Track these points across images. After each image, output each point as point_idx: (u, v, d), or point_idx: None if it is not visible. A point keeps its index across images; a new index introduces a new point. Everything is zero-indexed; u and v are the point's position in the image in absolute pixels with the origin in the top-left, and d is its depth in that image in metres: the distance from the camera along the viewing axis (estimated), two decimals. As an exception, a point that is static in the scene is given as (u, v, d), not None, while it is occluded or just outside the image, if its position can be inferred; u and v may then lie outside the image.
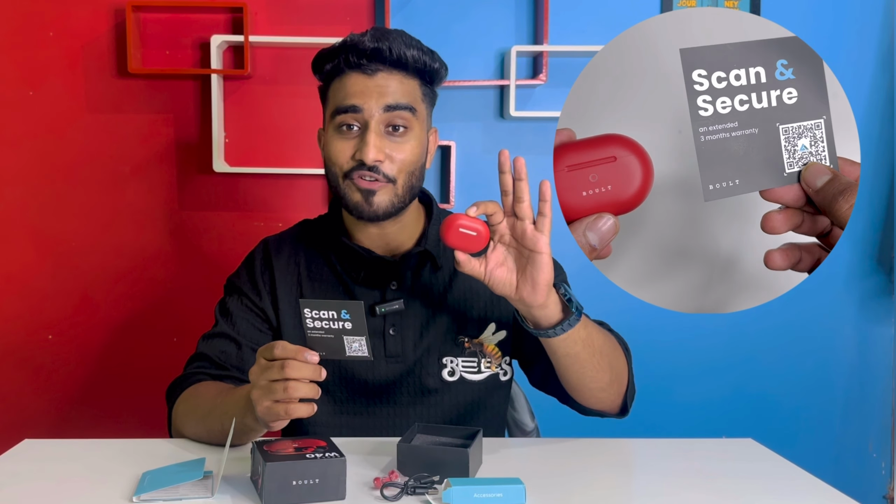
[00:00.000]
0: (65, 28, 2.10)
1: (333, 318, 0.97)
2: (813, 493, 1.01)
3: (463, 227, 1.02)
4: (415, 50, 1.20)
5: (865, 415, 2.27)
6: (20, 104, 2.10)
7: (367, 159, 1.17)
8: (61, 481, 1.01)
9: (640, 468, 1.10)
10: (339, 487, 0.93)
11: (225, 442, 0.99)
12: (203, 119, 2.13)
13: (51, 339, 2.14)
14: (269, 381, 0.96)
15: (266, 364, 0.97)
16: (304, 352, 0.96)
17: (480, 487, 0.91)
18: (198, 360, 1.27)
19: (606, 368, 1.15)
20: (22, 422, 2.14)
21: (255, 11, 2.11)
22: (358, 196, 1.20)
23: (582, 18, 2.16)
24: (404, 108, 1.19)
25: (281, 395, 0.95)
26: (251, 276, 1.31)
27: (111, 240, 2.13)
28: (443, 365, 1.27)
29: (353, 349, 0.98)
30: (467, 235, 1.02)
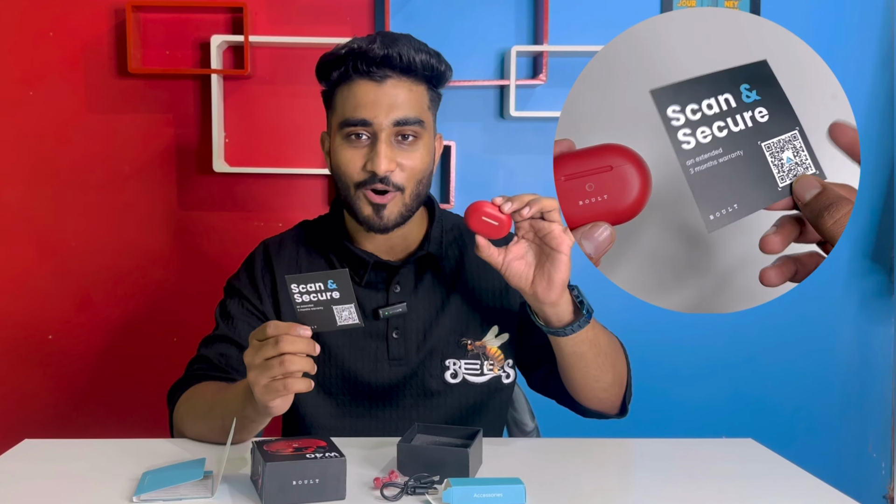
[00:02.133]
0: (65, 28, 2.10)
1: (321, 289, 0.97)
2: (813, 492, 1.01)
3: (486, 216, 1.04)
4: (423, 55, 1.20)
5: (865, 415, 2.27)
6: (20, 104, 2.11)
7: (379, 171, 1.16)
8: (61, 481, 1.01)
9: (640, 468, 1.10)
10: (339, 487, 0.93)
11: (226, 435, 1.00)
12: (203, 119, 2.13)
13: (51, 339, 2.14)
14: (263, 359, 0.96)
15: (259, 344, 0.98)
16: (297, 327, 0.97)
17: (480, 487, 0.91)
18: (198, 363, 1.27)
19: (609, 369, 1.17)
20: (22, 421, 2.14)
21: (255, 11, 2.12)
22: (369, 209, 1.20)
23: (582, 18, 2.16)
24: (414, 123, 1.19)
25: (277, 370, 0.95)
26: (251, 278, 1.31)
27: (111, 240, 2.14)
28: (445, 367, 1.27)
29: (343, 318, 0.99)
30: (489, 223, 1.04)
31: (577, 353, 1.13)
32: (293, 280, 0.97)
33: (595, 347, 1.13)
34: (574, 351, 1.12)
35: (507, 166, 2.19)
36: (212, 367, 1.25)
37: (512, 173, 2.19)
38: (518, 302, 1.29)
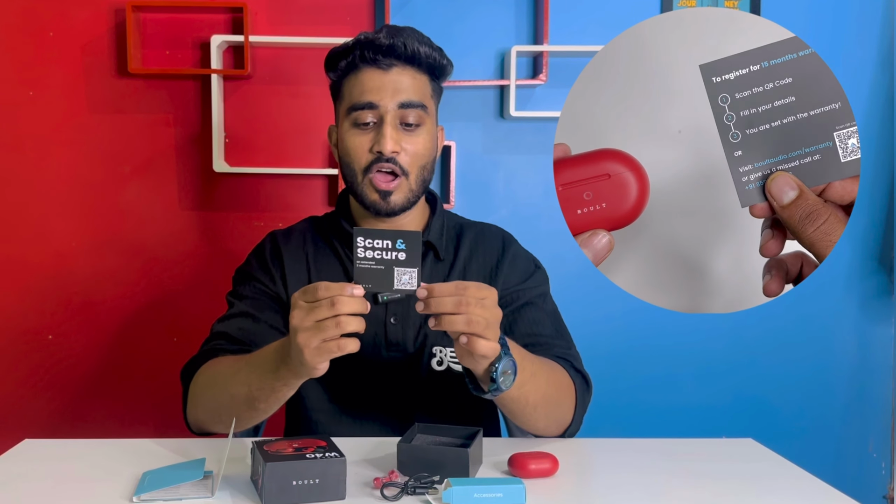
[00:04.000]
0: (65, 28, 2.10)
1: (388, 247, 0.95)
2: (813, 492, 1.01)
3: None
4: (427, 46, 1.26)
5: (865, 415, 2.27)
6: (20, 104, 2.11)
7: (385, 150, 1.22)
8: (61, 481, 1.02)
9: (641, 468, 1.10)
10: (339, 487, 0.94)
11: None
12: (203, 119, 2.13)
13: (51, 340, 2.14)
14: (316, 320, 0.94)
15: (309, 305, 0.95)
16: (349, 286, 0.94)
17: (480, 487, 0.92)
18: (215, 339, 1.27)
19: (541, 418, 1.17)
20: (22, 422, 2.14)
21: (255, 11, 2.12)
22: (375, 196, 1.25)
23: (582, 18, 2.17)
24: (417, 107, 1.24)
25: (333, 331, 0.93)
26: (262, 262, 1.34)
27: (112, 240, 2.14)
28: (432, 354, 1.29)
29: (402, 282, 0.96)
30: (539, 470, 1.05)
31: (504, 406, 1.13)
32: (361, 233, 0.95)
33: (521, 403, 1.12)
34: (501, 404, 1.12)
35: (507, 166, 2.20)
36: (229, 342, 1.25)
37: (512, 173, 2.20)
38: (504, 304, 1.30)
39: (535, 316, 1.31)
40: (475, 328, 0.96)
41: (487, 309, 0.97)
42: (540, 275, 1.37)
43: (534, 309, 1.32)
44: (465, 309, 0.95)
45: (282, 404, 1.12)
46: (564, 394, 1.19)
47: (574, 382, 1.22)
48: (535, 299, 1.32)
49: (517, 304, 1.31)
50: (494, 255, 1.35)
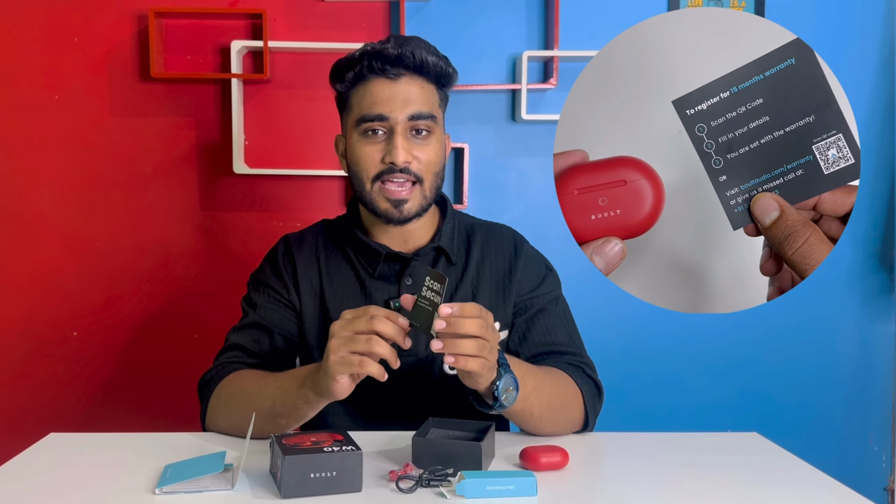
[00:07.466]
0: (89, 34, 2.13)
1: (441, 291, 0.97)
2: (815, 484, 1.02)
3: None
4: (434, 56, 1.25)
5: (866, 409, 2.29)
6: (46, 108, 2.14)
7: (398, 161, 1.21)
8: (86, 473, 1.03)
9: (649, 460, 1.11)
10: (356, 480, 0.95)
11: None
12: (223, 122, 2.16)
13: (76, 336, 2.18)
14: (353, 331, 0.97)
15: (353, 317, 0.98)
16: (397, 315, 0.97)
17: (493, 480, 0.93)
18: (230, 351, 1.28)
19: (547, 426, 1.19)
20: (48, 416, 2.18)
21: (274, 17, 2.15)
22: (387, 204, 1.24)
23: (592, 24, 2.18)
24: (427, 118, 1.23)
25: (362, 346, 0.96)
26: (275, 269, 1.34)
27: (135, 239, 2.17)
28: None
29: (435, 325, 0.98)
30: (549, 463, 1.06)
31: (510, 417, 1.15)
32: (431, 273, 0.98)
33: (525, 415, 1.14)
34: (506, 414, 1.14)
35: (518, 168, 2.22)
36: (245, 354, 1.27)
37: (523, 174, 2.22)
38: (513, 307, 1.32)
39: (549, 323, 1.31)
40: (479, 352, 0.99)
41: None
42: (552, 278, 1.36)
43: (547, 316, 1.32)
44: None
45: (303, 422, 1.14)
46: (570, 402, 1.21)
47: (582, 390, 1.22)
48: (548, 305, 1.33)
49: (531, 313, 1.32)
50: (507, 259, 1.34)
